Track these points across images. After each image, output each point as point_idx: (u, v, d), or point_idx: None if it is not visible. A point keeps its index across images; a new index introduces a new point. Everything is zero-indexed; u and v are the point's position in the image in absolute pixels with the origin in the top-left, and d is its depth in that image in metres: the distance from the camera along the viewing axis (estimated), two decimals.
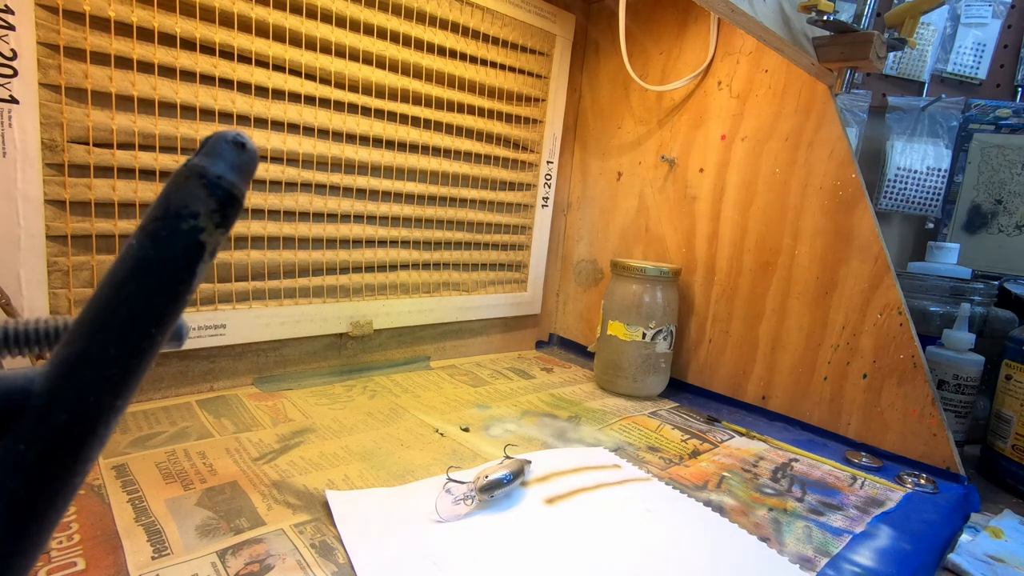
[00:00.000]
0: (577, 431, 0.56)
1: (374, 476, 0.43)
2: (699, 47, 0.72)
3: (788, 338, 0.64)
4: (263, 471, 0.42)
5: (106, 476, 0.39)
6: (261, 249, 0.57)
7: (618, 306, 0.68)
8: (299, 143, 0.57)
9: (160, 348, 0.16)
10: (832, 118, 0.60)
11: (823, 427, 0.61)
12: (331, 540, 0.35)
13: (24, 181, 0.43)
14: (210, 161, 0.16)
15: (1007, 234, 0.89)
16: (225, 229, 0.17)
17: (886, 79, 0.93)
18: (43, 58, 0.43)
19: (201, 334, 0.53)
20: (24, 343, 0.20)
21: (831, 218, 0.60)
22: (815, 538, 0.41)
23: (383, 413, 0.56)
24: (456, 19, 0.66)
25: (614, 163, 0.83)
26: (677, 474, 0.49)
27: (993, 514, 0.49)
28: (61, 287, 0.47)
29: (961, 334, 0.60)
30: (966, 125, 0.90)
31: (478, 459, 0.48)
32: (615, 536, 0.38)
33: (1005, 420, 0.57)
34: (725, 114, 0.70)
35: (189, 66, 0.50)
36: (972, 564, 0.40)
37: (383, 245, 0.67)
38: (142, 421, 0.49)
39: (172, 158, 0.50)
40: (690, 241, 0.74)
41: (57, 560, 0.30)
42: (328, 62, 0.57)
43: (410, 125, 0.66)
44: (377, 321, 0.67)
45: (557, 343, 0.93)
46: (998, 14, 0.89)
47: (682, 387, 0.74)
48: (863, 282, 0.58)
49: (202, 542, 0.33)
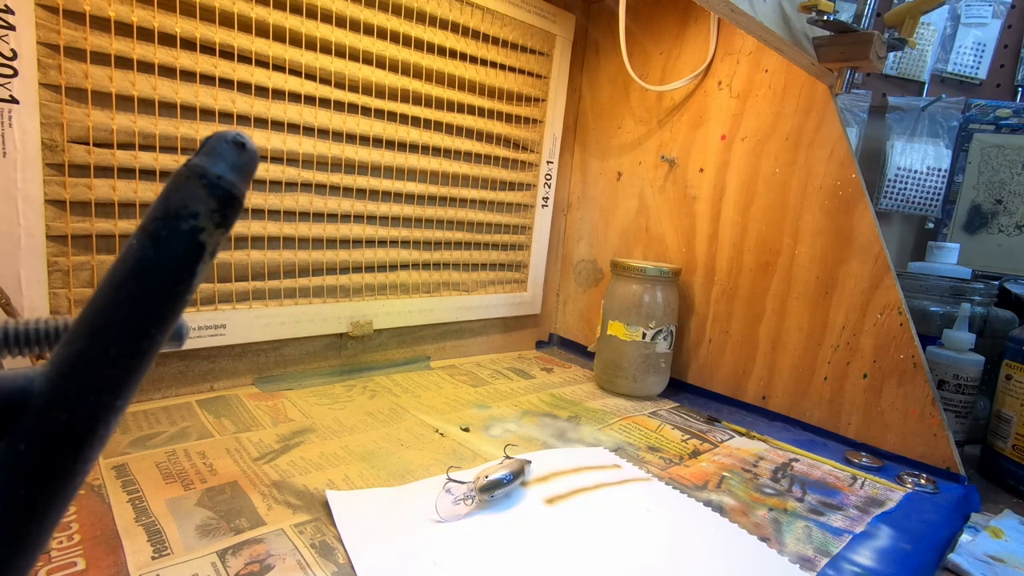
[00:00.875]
0: (577, 431, 0.56)
1: (374, 476, 0.43)
2: (699, 47, 0.72)
3: (788, 338, 0.64)
4: (263, 471, 0.42)
5: (106, 476, 0.39)
6: (261, 249, 0.57)
7: (618, 306, 0.68)
8: (299, 143, 0.57)
9: (160, 348, 0.16)
10: (832, 118, 0.60)
11: (823, 427, 0.61)
12: (331, 540, 0.35)
13: (24, 181, 0.43)
14: (210, 161, 0.16)
15: (1007, 234, 0.89)
16: (225, 229, 0.17)
17: (886, 79, 0.93)
18: (43, 58, 0.43)
19: (201, 334, 0.53)
20: (24, 343, 0.20)
21: (831, 218, 0.60)
22: (815, 538, 0.41)
23: (383, 413, 0.56)
24: (456, 19, 0.66)
25: (614, 163, 0.83)
26: (677, 474, 0.49)
27: (993, 514, 0.49)
28: (61, 287, 0.47)
29: (961, 334, 0.60)
30: (966, 125, 0.90)
31: (478, 459, 0.48)
32: (615, 536, 0.38)
33: (1005, 420, 0.57)
34: (725, 114, 0.70)
35: (189, 66, 0.50)
36: (972, 564, 0.40)
37: (383, 245, 0.67)
38: (142, 421, 0.49)
39: (172, 158, 0.50)
40: (690, 241, 0.74)
41: (57, 560, 0.30)
42: (328, 62, 0.57)
43: (410, 125, 0.66)
44: (377, 321, 0.67)
45: (557, 343, 0.93)
46: (998, 14, 0.89)
47: (682, 387, 0.74)
48: (863, 282, 0.58)
49: (202, 542, 0.33)
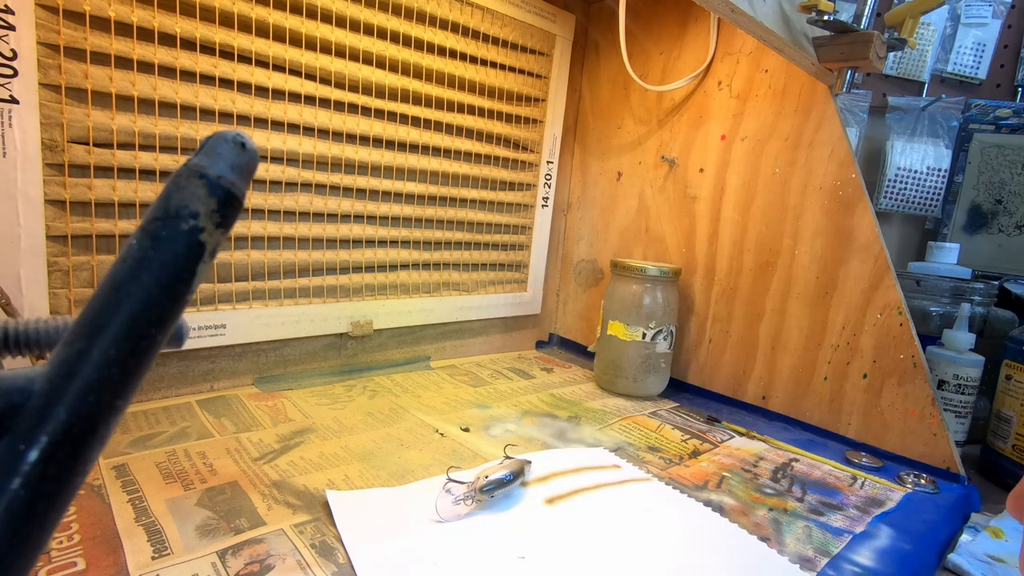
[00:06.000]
0: (577, 431, 0.56)
1: (374, 476, 0.43)
2: (699, 47, 0.72)
3: (788, 338, 0.64)
4: (263, 471, 0.42)
5: (106, 476, 0.39)
6: (261, 249, 0.57)
7: (618, 306, 0.68)
8: (299, 143, 0.57)
9: (160, 348, 0.16)
10: (832, 118, 0.60)
11: (823, 427, 0.61)
12: (331, 540, 0.35)
13: (24, 181, 0.43)
14: (210, 161, 0.16)
15: (1007, 234, 0.89)
16: (225, 229, 0.17)
17: (886, 79, 0.93)
18: (43, 58, 0.43)
19: (201, 334, 0.53)
20: (24, 343, 0.20)
21: (831, 218, 0.60)
22: (815, 538, 0.41)
23: (383, 413, 0.56)
24: (456, 19, 0.66)
25: (614, 163, 0.83)
26: (677, 474, 0.49)
27: (993, 514, 0.49)
28: (61, 287, 0.47)
29: (961, 334, 0.60)
30: (966, 125, 0.90)
31: (478, 459, 0.48)
32: (615, 536, 0.38)
33: (1005, 420, 0.57)
34: (725, 114, 0.70)
35: (189, 66, 0.50)
36: (972, 564, 0.40)
37: (383, 245, 0.67)
38: (142, 421, 0.49)
39: (172, 158, 0.50)
40: (690, 241, 0.74)
41: (57, 560, 0.30)
42: (328, 62, 0.57)
43: (410, 125, 0.66)
44: (377, 321, 0.67)
45: (557, 343, 0.93)
46: (998, 14, 0.89)
47: (682, 387, 0.74)
48: (863, 282, 0.58)
49: (202, 542, 0.33)
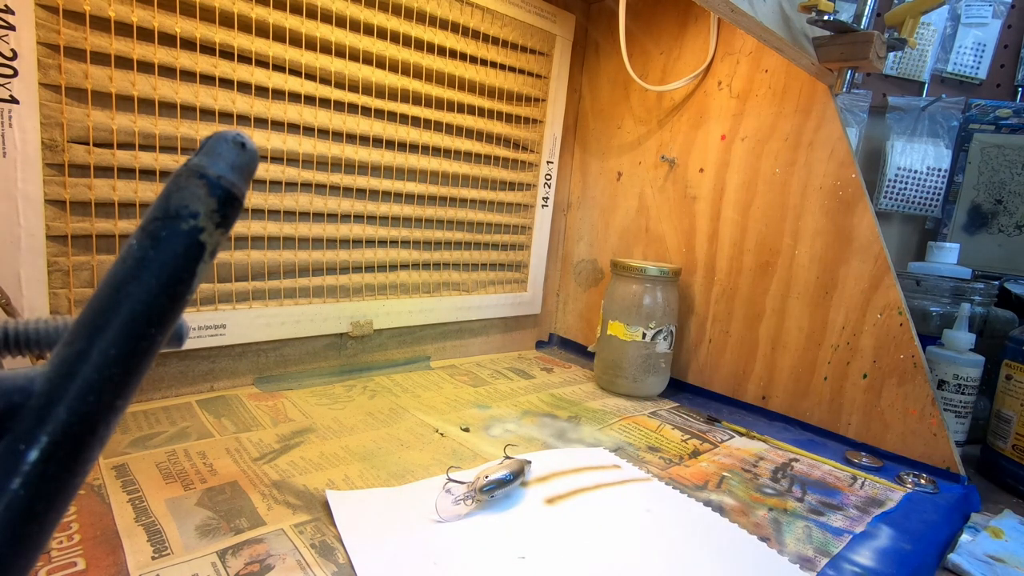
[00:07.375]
0: (577, 431, 0.56)
1: (374, 476, 0.43)
2: (699, 47, 0.72)
3: (788, 338, 0.64)
4: (263, 471, 0.42)
5: (106, 476, 0.39)
6: (261, 249, 0.57)
7: (618, 306, 0.68)
8: (299, 143, 0.57)
9: (160, 348, 0.16)
10: (832, 118, 0.60)
11: (823, 427, 0.61)
12: (331, 540, 0.35)
13: (24, 181, 0.43)
14: (210, 161, 0.16)
15: (1007, 234, 0.89)
16: (225, 229, 0.17)
17: (886, 79, 0.93)
18: (43, 58, 0.43)
19: (201, 334, 0.53)
20: (24, 343, 0.20)
21: (831, 218, 0.60)
22: (815, 538, 0.41)
23: (383, 413, 0.56)
24: (456, 19, 0.66)
25: (614, 163, 0.83)
26: (677, 474, 0.49)
27: (993, 514, 0.49)
28: (61, 287, 0.47)
29: (961, 334, 0.60)
30: (966, 125, 0.90)
31: (478, 459, 0.48)
32: (615, 536, 0.38)
33: (1005, 420, 0.57)
34: (725, 114, 0.70)
35: (189, 66, 0.50)
36: (972, 564, 0.40)
37: (383, 245, 0.67)
38: (142, 421, 0.49)
39: (172, 158, 0.50)
40: (690, 241, 0.74)
41: (57, 560, 0.30)
42: (328, 62, 0.57)
43: (410, 125, 0.66)
44: (377, 321, 0.67)
45: (557, 343, 0.93)
46: (998, 14, 0.89)
47: (682, 387, 0.74)
48: (863, 282, 0.58)
49: (202, 542, 0.33)
